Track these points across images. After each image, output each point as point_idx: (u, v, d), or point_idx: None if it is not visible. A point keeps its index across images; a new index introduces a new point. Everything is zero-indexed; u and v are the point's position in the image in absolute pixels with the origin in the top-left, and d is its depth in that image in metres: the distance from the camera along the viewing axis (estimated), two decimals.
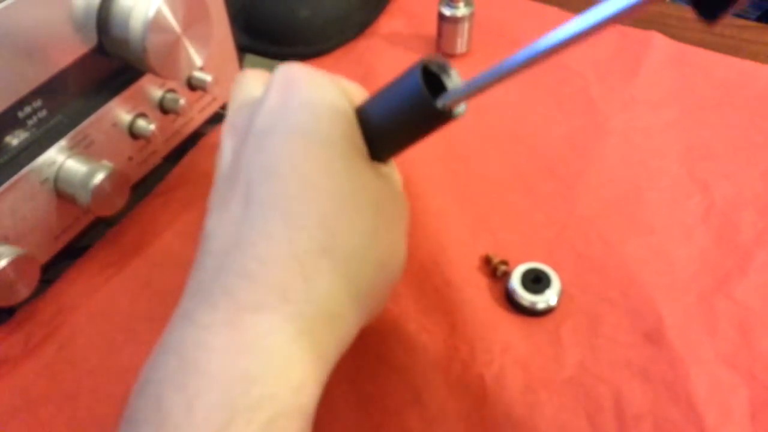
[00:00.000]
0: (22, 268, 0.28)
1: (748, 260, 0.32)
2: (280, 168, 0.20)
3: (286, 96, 0.22)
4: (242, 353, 0.17)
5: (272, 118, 0.22)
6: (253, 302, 0.18)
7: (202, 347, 0.18)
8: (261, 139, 0.22)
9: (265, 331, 0.18)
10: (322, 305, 0.19)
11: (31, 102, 0.28)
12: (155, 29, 0.29)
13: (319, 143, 0.21)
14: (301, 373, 0.18)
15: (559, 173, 0.37)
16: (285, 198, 0.20)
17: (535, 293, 0.30)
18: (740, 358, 0.29)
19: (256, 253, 0.19)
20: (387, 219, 0.22)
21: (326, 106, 0.22)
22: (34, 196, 0.29)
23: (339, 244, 0.20)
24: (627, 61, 0.44)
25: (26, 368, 0.30)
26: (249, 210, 0.20)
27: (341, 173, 0.21)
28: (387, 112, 0.23)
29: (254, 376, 0.17)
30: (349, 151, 0.22)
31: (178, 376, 0.18)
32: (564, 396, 0.28)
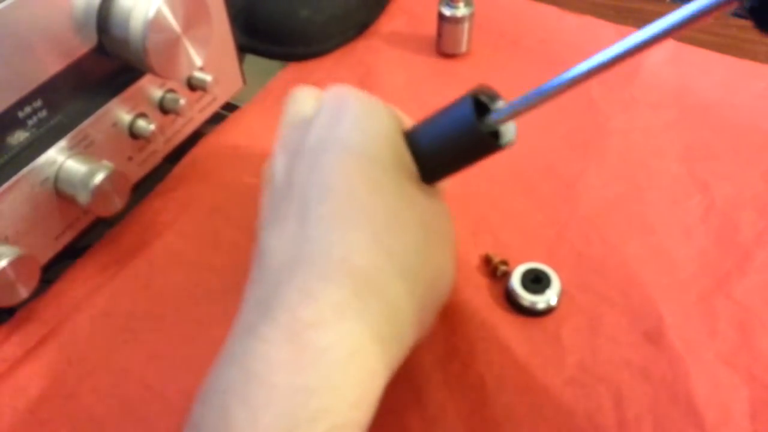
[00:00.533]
0: (22, 269, 0.28)
1: (748, 260, 0.32)
2: (335, 186, 0.21)
3: (338, 115, 0.23)
4: (303, 368, 0.19)
5: (325, 137, 0.23)
6: (312, 319, 0.19)
7: (264, 361, 0.19)
8: (314, 157, 0.22)
9: (324, 348, 0.19)
10: (375, 325, 0.20)
11: (31, 102, 0.28)
12: (155, 29, 0.29)
13: (370, 162, 0.22)
14: (357, 389, 0.19)
15: (559, 173, 0.37)
16: (340, 217, 0.21)
17: (535, 293, 0.30)
18: (740, 358, 0.29)
19: (314, 271, 0.20)
20: (436, 238, 0.23)
21: (377, 126, 0.23)
22: (34, 196, 0.29)
23: (391, 263, 0.21)
24: (627, 62, 0.43)
25: (26, 368, 0.30)
26: (306, 228, 0.21)
27: (392, 192, 0.22)
28: (437, 137, 0.24)
29: (313, 390, 0.18)
30: (398, 171, 0.22)
31: (243, 388, 0.19)
32: (564, 396, 0.28)
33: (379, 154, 0.22)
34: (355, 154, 0.22)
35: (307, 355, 0.19)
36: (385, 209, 0.21)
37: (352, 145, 0.22)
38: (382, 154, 0.22)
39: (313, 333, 0.19)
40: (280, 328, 0.19)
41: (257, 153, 0.39)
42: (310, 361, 0.19)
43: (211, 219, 0.35)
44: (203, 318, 0.31)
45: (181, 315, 0.31)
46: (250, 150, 0.39)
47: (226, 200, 0.36)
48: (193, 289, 0.32)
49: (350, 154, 0.22)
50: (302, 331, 0.19)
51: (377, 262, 0.21)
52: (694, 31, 0.47)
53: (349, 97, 0.24)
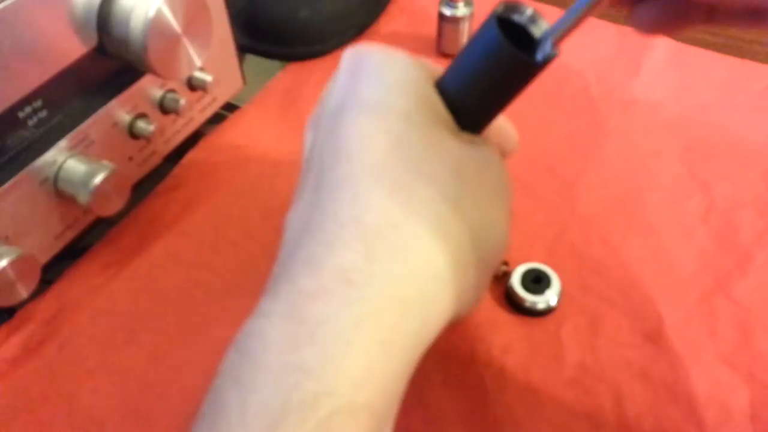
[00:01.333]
0: (23, 269, 0.28)
1: (748, 260, 0.32)
2: (350, 147, 0.19)
3: (355, 72, 0.21)
4: (299, 345, 0.16)
5: (342, 99, 0.21)
6: (313, 288, 0.17)
7: (259, 338, 0.17)
8: (332, 122, 0.20)
9: (323, 319, 0.16)
10: (390, 287, 0.17)
11: (32, 102, 0.28)
12: (155, 29, 0.28)
13: (389, 115, 0.19)
14: (362, 364, 0.16)
15: (559, 173, 0.37)
16: (353, 177, 0.18)
17: (535, 293, 0.30)
18: (740, 358, 0.29)
19: (321, 237, 0.18)
20: (475, 189, 0.20)
21: (398, 75, 0.20)
22: (34, 197, 0.29)
23: (411, 216, 0.18)
24: (627, 61, 0.44)
25: (26, 368, 0.30)
26: (319, 194, 0.19)
27: (416, 143, 0.19)
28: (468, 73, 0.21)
29: (310, 369, 0.16)
30: (426, 120, 0.20)
31: (236, 370, 0.17)
32: (564, 396, 0.28)
33: (400, 105, 0.20)
34: (373, 110, 0.20)
35: (305, 330, 0.16)
36: (405, 162, 0.19)
37: (369, 102, 0.20)
38: (405, 103, 0.20)
39: (312, 304, 0.17)
40: (279, 301, 0.17)
41: (258, 153, 0.39)
42: (308, 336, 0.16)
43: (211, 219, 0.35)
44: (204, 318, 0.31)
45: (181, 315, 0.31)
46: (251, 150, 0.39)
47: (226, 200, 0.36)
48: (193, 289, 0.32)
49: (367, 111, 0.20)
50: (301, 303, 0.17)
51: (392, 217, 0.18)
52: (694, 31, 0.47)
53: (366, 52, 0.21)
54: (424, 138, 0.19)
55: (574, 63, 0.43)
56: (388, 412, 0.17)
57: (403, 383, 0.18)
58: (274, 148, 0.39)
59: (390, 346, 0.17)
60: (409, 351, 0.18)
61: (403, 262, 0.18)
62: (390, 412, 0.17)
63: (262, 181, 0.37)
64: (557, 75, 0.43)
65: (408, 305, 0.17)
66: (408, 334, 0.17)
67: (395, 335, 0.17)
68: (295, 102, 0.42)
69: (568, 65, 0.43)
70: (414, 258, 0.18)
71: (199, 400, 0.28)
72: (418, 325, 0.18)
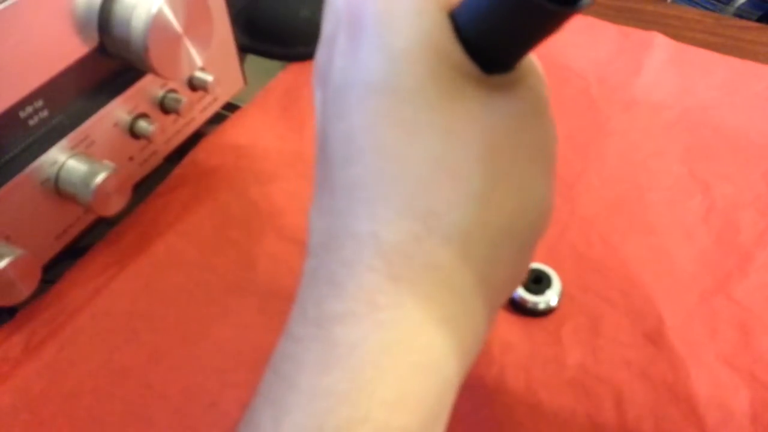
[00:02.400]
0: (23, 268, 0.28)
1: (749, 261, 0.32)
2: (359, 143, 0.17)
3: (355, 34, 0.18)
4: (330, 368, 0.16)
5: (345, 70, 0.18)
6: (340, 312, 0.16)
7: (293, 361, 0.16)
8: (338, 101, 0.18)
9: (352, 343, 0.16)
10: (417, 308, 0.16)
11: (33, 102, 0.28)
12: (156, 29, 0.28)
13: (399, 98, 0.17)
14: (395, 387, 0.16)
15: (559, 173, 0.37)
16: (365, 183, 0.17)
17: (535, 294, 0.30)
18: (740, 358, 0.29)
19: (342, 257, 0.17)
20: (508, 166, 0.18)
21: (403, 38, 0.17)
22: (35, 196, 0.29)
23: (433, 228, 0.17)
24: (628, 62, 0.44)
25: (27, 368, 0.30)
26: (334, 200, 0.18)
27: (430, 128, 0.17)
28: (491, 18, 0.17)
29: (342, 394, 0.15)
30: (441, 92, 0.17)
31: (271, 391, 0.17)
32: (565, 397, 0.28)
33: (411, 80, 0.17)
34: (379, 90, 0.17)
35: (335, 354, 0.16)
36: (421, 158, 0.17)
37: (374, 78, 0.17)
38: (415, 76, 0.17)
39: (340, 328, 0.16)
40: (308, 324, 0.17)
41: (258, 153, 0.39)
42: (338, 360, 0.16)
43: (212, 219, 0.35)
44: (204, 318, 0.31)
45: (182, 315, 0.31)
46: (251, 150, 0.39)
47: (227, 201, 0.36)
48: (194, 289, 0.32)
49: (374, 92, 0.17)
50: (330, 327, 0.16)
51: (413, 231, 0.16)
52: (695, 31, 0.47)
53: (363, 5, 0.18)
54: (442, 117, 0.17)
55: (574, 63, 0.43)
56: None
57: (444, 402, 0.17)
58: (275, 148, 0.39)
59: (423, 367, 0.16)
60: (448, 369, 0.17)
61: (428, 279, 0.16)
62: None
63: (262, 180, 0.37)
64: (558, 75, 0.43)
65: (440, 324, 0.16)
66: (443, 353, 0.17)
67: (428, 356, 0.16)
68: (296, 102, 0.42)
69: (569, 65, 0.43)
70: (440, 273, 0.17)
71: (199, 400, 0.28)
72: (453, 341, 0.17)
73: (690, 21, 0.48)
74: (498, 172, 0.17)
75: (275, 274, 0.33)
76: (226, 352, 0.30)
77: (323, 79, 0.20)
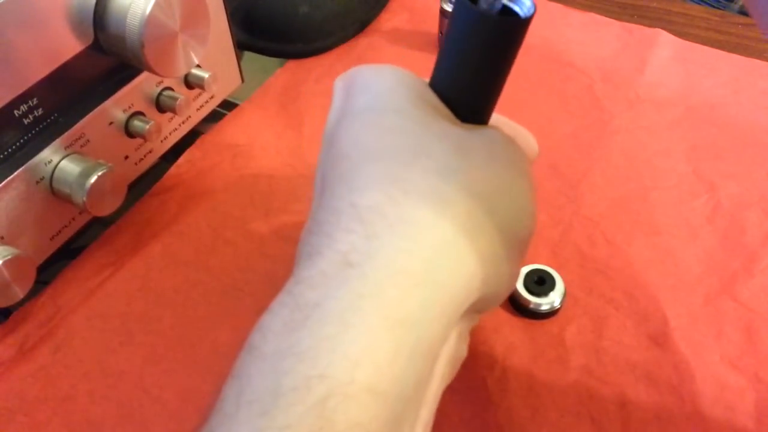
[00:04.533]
0: (18, 269, 0.27)
1: (755, 261, 0.32)
2: (346, 149, 0.19)
3: (348, 91, 0.22)
4: (293, 330, 0.16)
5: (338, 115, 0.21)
6: (311, 275, 0.16)
7: (261, 331, 0.16)
8: (330, 137, 0.21)
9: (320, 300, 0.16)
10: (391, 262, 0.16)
11: (27, 100, 0.28)
12: (152, 26, 0.28)
13: (383, 113, 0.20)
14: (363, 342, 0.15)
15: (563, 172, 0.37)
16: (349, 172, 0.18)
17: (538, 295, 0.30)
18: (746, 360, 0.28)
19: (322, 230, 0.18)
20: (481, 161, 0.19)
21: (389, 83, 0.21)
22: (29, 196, 0.29)
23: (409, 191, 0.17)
24: (632, 59, 0.43)
25: (22, 370, 0.29)
26: (322, 198, 0.19)
27: (411, 131, 0.19)
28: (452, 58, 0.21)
29: (303, 353, 0.15)
30: (420, 113, 0.20)
31: (238, 366, 0.16)
32: (568, 399, 0.27)
33: (394, 103, 0.20)
34: (366, 113, 0.20)
35: (301, 315, 0.16)
36: (399, 147, 0.19)
37: (361, 109, 0.20)
38: (398, 101, 0.20)
39: (310, 290, 0.16)
40: (282, 294, 0.17)
41: (256, 152, 0.39)
42: (303, 319, 0.16)
43: (208, 219, 0.35)
44: (201, 320, 0.31)
45: (178, 316, 0.31)
46: (249, 148, 0.39)
47: (224, 200, 0.36)
48: (190, 290, 0.32)
49: (359, 117, 0.20)
50: (299, 291, 0.16)
51: (390, 194, 0.17)
52: (700, 28, 0.46)
53: (355, 71, 0.22)
54: (420, 126, 0.19)
55: (578, 60, 0.43)
56: (405, 396, 0.16)
57: (421, 365, 0.16)
58: (273, 147, 0.39)
59: (395, 321, 0.16)
60: (423, 326, 0.16)
61: (403, 234, 0.17)
62: (410, 398, 0.16)
63: (260, 180, 0.37)
64: (561, 73, 0.42)
65: (413, 277, 0.16)
66: (417, 307, 0.16)
67: (401, 309, 0.16)
68: (294, 100, 0.41)
69: (572, 63, 0.43)
70: (415, 229, 0.17)
71: (196, 402, 0.28)
72: (427, 296, 0.16)
73: (695, 18, 0.47)
74: (471, 162, 0.19)
75: (272, 274, 0.32)
76: (222, 354, 0.29)
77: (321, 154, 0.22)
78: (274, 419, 0.14)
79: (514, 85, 0.26)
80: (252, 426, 0.15)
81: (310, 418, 0.14)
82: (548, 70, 0.43)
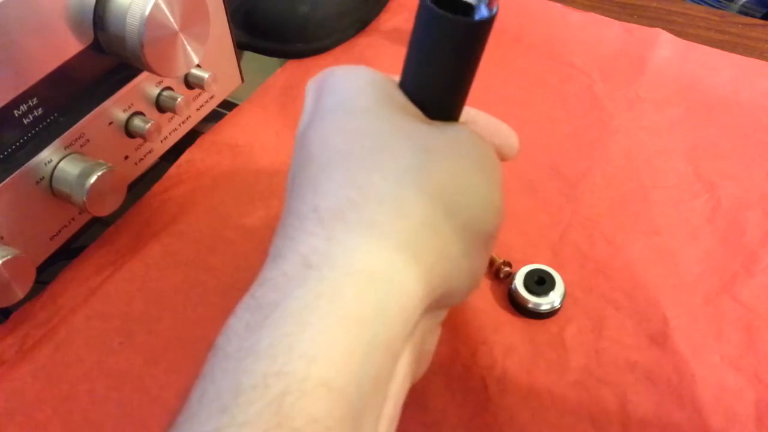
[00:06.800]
0: (17, 269, 0.27)
1: (755, 261, 0.32)
2: (312, 151, 0.20)
3: (319, 93, 0.22)
4: (253, 330, 0.16)
5: (308, 118, 0.21)
6: (273, 276, 0.17)
7: (225, 334, 0.17)
8: (300, 140, 0.21)
9: (279, 300, 0.16)
10: (349, 263, 0.17)
11: (27, 100, 0.28)
12: (152, 26, 0.28)
13: (350, 114, 0.20)
14: (320, 340, 0.16)
15: (563, 172, 0.37)
16: (313, 175, 0.19)
17: (538, 295, 0.30)
18: (746, 360, 0.28)
19: (286, 233, 0.18)
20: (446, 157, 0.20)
21: (358, 83, 0.21)
22: (29, 196, 0.29)
23: (370, 194, 0.18)
24: (632, 59, 0.43)
25: (21, 370, 0.29)
26: (288, 201, 0.20)
27: (376, 132, 0.19)
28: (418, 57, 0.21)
29: (261, 351, 0.16)
30: (388, 112, 0.20)
31: (206, 364, 0.17)
32: (568, 399, 0.27)
33: (361, 104, 0.20)
34: (333, 114, 0.20)
35: (261, 315, 0.16)
36: (364, 148, 0.19)
37: (329, 110, 0.21)
38: (365, 102, 0.20)
39: (271, 291, 0.17)
40: (247, 297, 0.17)
41: (256, 151, 0.39)
42: (263, 319, 0.16)
43: (208, 219, 0.35)
44: (200, 320, 0.31)
45: (177, 317, 0.31)
46: (249, 148, 0.39)
47: (223, 200, 0.36)
48: (189, 290, 0.32)
49: (327, 118, 0.20)
50: (261, 293, 0.17)
51: (351, 198, 0.18)
52: (700, 28, 0.46)
53: (326, 73, 0.22)
54: (387, 125, 0.20)
55: (578, 60, 0.43)
56: (364, 391, 0.16)
57: (378, 363, 0.17)
58: (273, 147, 0.39)
59: (351, 320, 0.16)
60: (380, 323, 0.17)
61: (362, 236, 0.17)
62: (369, 393, 0.16)
63: (260, 179, 0.37)
64: (561, 72, 0.42)
65: (371, 278, 0.17)
66: (373, 305, 0.17)
67: (357, 308, 0.16)
68: (294, 100, 0.41)
69: (572, 62, 0.43)
70: (374, 232, 0.17)
71: None
72: (383, 295, 0.17)
73: (695, 18, 0.47)
74: (435, 159, 0.19)
75: None
76: None
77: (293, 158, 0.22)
78: (234, 417, 0.15)
79: (515, 85, 0.26)
80: (213, 423, 0.15)
81: (268, 415, 0.15)
82: (548, 69, 0.43)
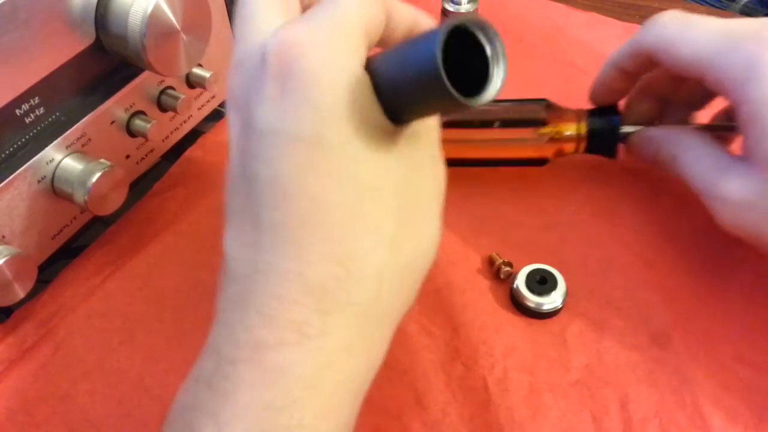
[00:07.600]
0: (19, 268, 0.27)
1: (755, 261, 0.32)
2: (288, 188, 0.20)
3: (286, 85, 0.20)
4: (267, 386, 0.19)
5: (273, 118, 0.20)
6: (273, 340, 0.19)
7: (230, 380, 0.19)
8: (264, 144, 0.20)
9: (285, 367, 0.19)
10: (340, 338, 0.20)
11: (29, 99, 0.28)
12: (154, 25, 0.28)
13: (326, 152, 0.20)
14: (323, 402, 0.19)
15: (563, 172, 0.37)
16: (291, 225, 0.20)
17: (540, 295, 0.30)
18: (745, 360, 0.28)
19: (270, 291, 0.20)
20: (414, 206, 0.21)
21: (329, 98, 0.19)
22: (30, 195, 0.29)
23: (351, 269, 0.20)
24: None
25: (22, 369, 0.29)
26: (260, 235, 0.20)
27: (353, 181, 0.20)
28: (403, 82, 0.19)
29: (280, 407, 0.19)
30: (362, 146, 0.20)
31: (210, 405, 0.19)
32: (569, 399, 0.27)
33: (337, 136, 0.20)
34: (308, 142, 0.19)
35: (271, 376, 0.19)
36: (343, 207, 0.20)
37: (303, 132, 0.19)
38: (342, 132, 0.20)
39: (274, 353, 0.19)
40: (242, 349, 0.19)
41: None
42: (274, 381, 0.19)
43: (209, 218, 0.35)
44: (201, 319, 0.31)
45: (178, 316, 0.31)
46: None
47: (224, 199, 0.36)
48: (191, 290, 0.32)
49: (302, 143, 0.20)
50: (264, 352, 0.19)
51: (335, 272, 0.20)
52: None
53: (294, 57, 0.20)
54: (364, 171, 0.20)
55: (579, 60, 0.43)
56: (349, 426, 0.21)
57: (356, 408, 0.21)
58: None
59: (344, 385, 0.20)
60: (360, 383, 0.21)
61: (348, 313, 0.20)
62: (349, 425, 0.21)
63: None
64: (563, 72, 0.42)
65: (356, 351, 0.20)
66: (358, 372, 0.21)
67: (347, 375, 0.20)
68: None
69: (574, 62, 0.43)
70: (358, 308, 0.20)
71: None
72: (366, 362, 0.21)
73: None
74: (403, 220, 0.21)
75: None
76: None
77: (240, 106, 0.21)
78: None
79: (516, 85, 0.26)
80: None
81: None
82: (550, 70, 0.43)
